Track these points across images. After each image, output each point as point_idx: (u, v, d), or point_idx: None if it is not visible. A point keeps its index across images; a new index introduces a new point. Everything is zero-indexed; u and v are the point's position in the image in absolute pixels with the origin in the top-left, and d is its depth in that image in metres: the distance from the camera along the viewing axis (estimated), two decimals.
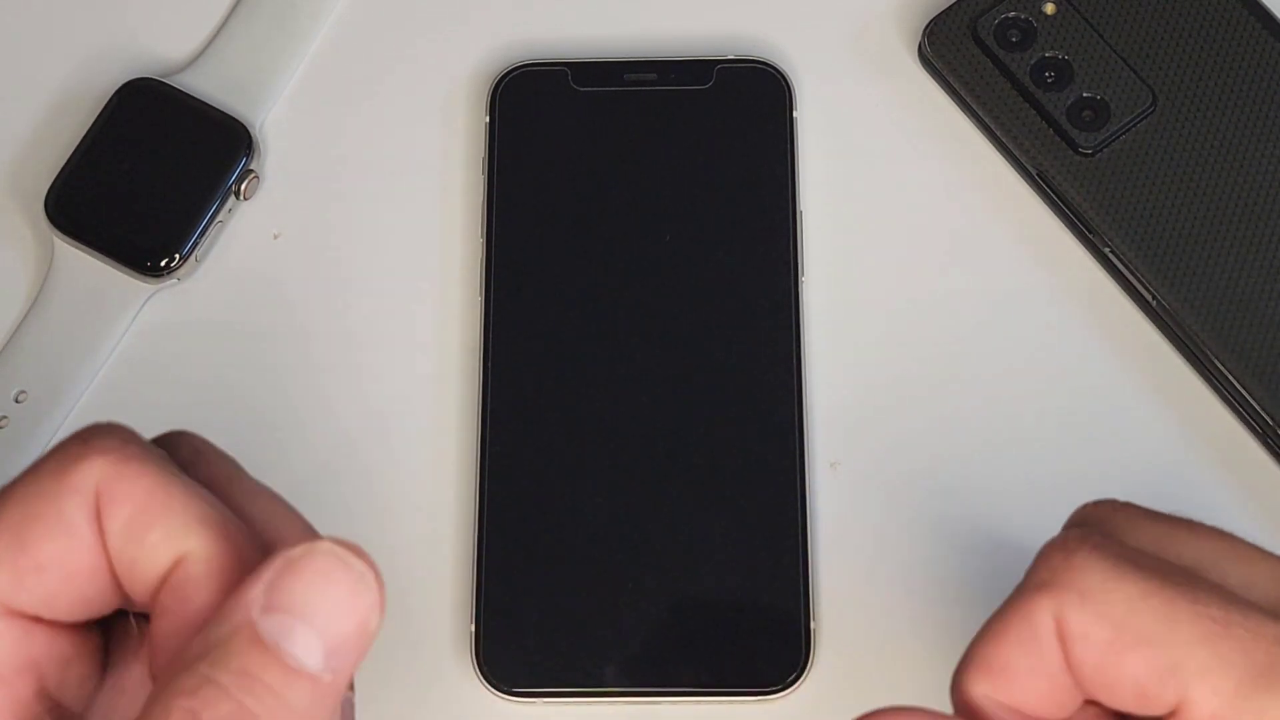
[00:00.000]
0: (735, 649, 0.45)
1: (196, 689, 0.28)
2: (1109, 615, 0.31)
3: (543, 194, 0.49)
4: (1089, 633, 0.31)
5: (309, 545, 0.29)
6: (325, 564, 0.29)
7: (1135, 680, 0.31)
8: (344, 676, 0.29)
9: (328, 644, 0.29)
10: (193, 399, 0.48)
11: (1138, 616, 0.31)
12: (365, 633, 0.29)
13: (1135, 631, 0.31)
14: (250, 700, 0.28)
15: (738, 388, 0.47)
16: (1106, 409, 0.47)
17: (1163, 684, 0.31)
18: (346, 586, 0.29)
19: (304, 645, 0.29)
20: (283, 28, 0.52)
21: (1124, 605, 0.31)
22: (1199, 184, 0.48)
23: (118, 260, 0.48)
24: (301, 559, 0.29)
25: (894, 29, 0.52)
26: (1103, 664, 0.31)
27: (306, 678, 0.29)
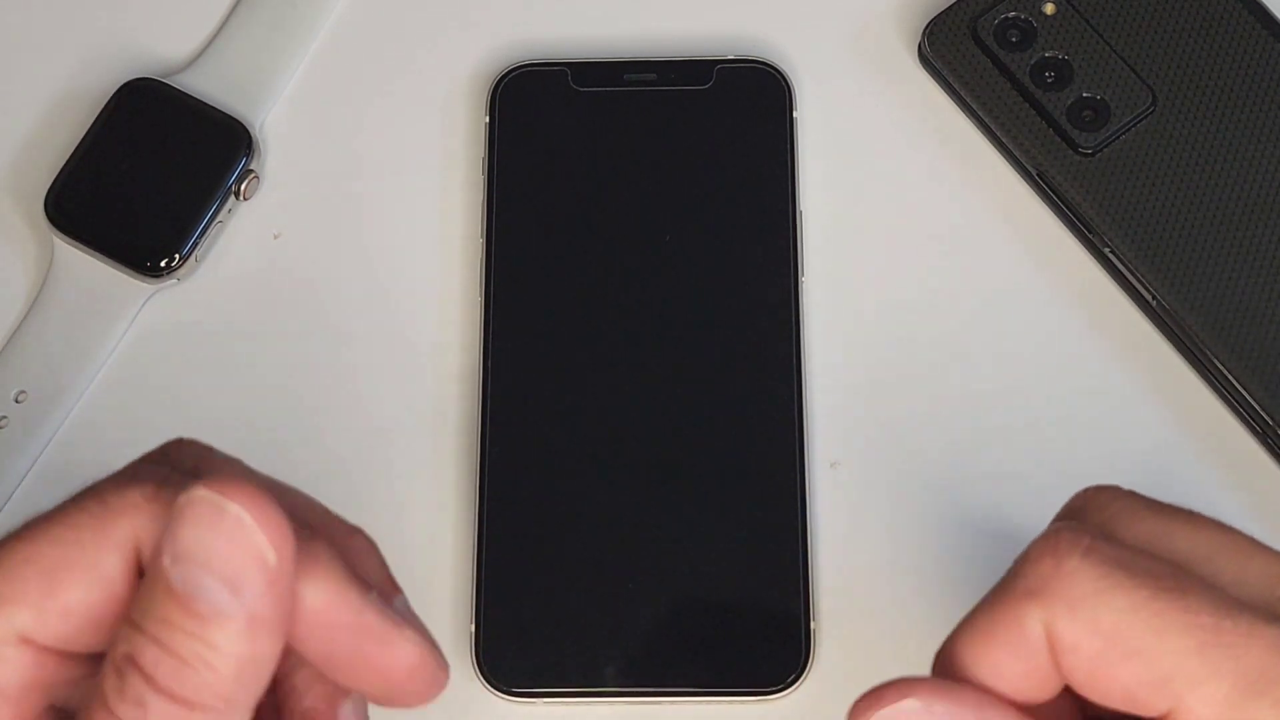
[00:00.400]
0: (735, 649, 0.45)
1: (129, 636, 0.30)
2: (1099, 627, 0.31)
3: (543, 194, 0.49)
4: (1079, 644, 0.31)
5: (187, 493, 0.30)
6: (205, 510, 0.30)
7: (1126, 690, 0.31)
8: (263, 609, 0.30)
9: (230, 583, 0.30)
10: (193, 399, 0.48)
11: (1128, 628, 0.31)
12: (265, 565, 0.30)
13: (1125, 643, 0.31)
14: (173, 644, 0.30)
15: (738, 387, 0.47)
16: (1106, 409, 0.47)
17: (1154, 694, 0.31)
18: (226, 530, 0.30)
19: (209, 588, 0.30)
20: (283, 28, 0.52)
21: (1114, 617, 0.31)
22: (1199, 184, 0.48)
23: (118, 260, 0.48)
24: (185, 507, 0.30)
25: (894, 29, 0.52)
26: (1094, 674, 0.31)
27: (220, 618, 0.30)
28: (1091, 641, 0.31)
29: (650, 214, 0.49)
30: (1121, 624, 0.31)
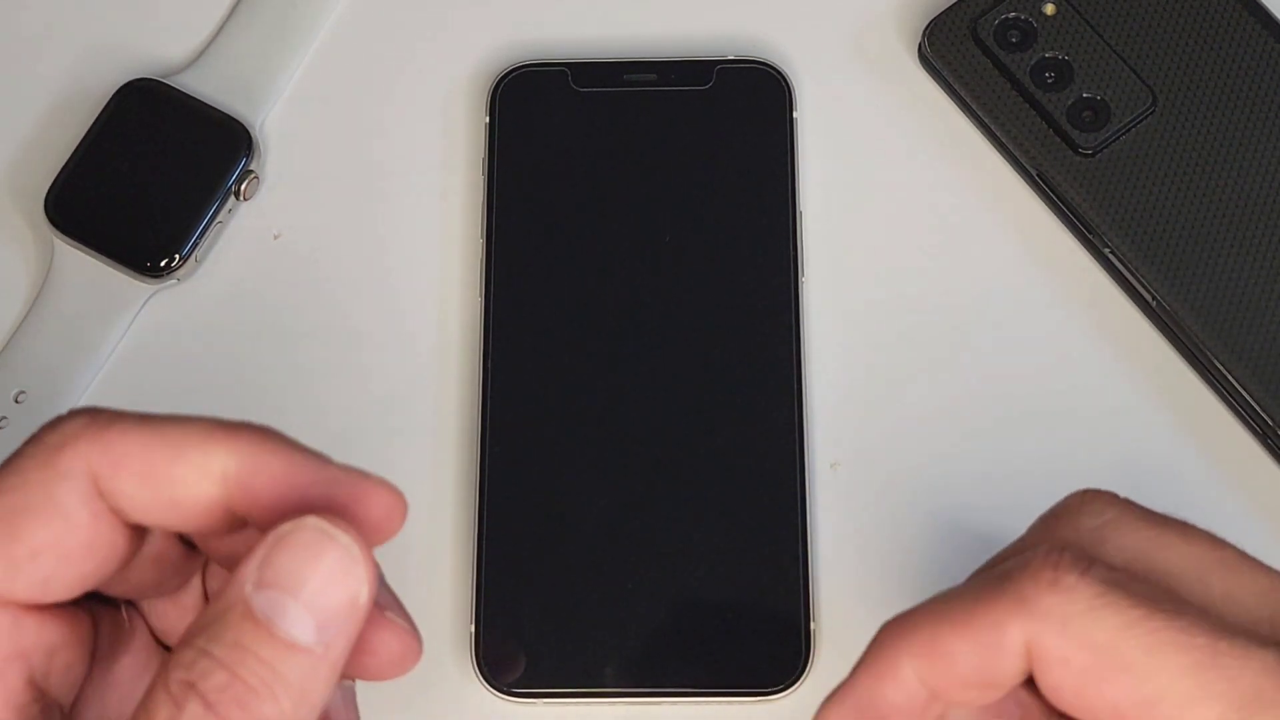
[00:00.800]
0: (735, 649, 0.45)
1: (193, 662, 0.29)
2: (1091, 641, 0.31)
3: (543, 194, 0.49)
4: (1069, 658, 0.31)
5: (297, 521, 0.30)
6: (312, 538, 0.30)
7: (1115, 708, 0.31)
8: (337, 649, 0.30)
9: (318, 617, 0.30)
10: (193, 399, 0.48)
11: (1121, 644, 0.31)
12: (355, 605, 0.30)
13: (1117, 659, 0.31)
14: (244, 672, 0.29)
15: (738, 388, 0.47)
16: (1106, 409, 0.47)
17: (1144, 713, 0.31)
18: (334, 561, 0.30)
19: (295, 619, 0.30)
20: (283, 28, 0.52)
21: (1107, 633, 0.31)
22: (1199, 184, 0.48)
23: (118, 260, 0.48)
24: (290, 534, 0.30)
25: (894, 30, 0.52)
26: (1082, 689, 0.31)
27: (299, 650, 0.30)
28: (1081, 656, 0.31)
29: (650, 214, 0.49)
30: (1114, 640, 0.31)
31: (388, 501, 0.33)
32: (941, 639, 0.32)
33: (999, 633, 0.31)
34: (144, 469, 0.31)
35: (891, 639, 0.33)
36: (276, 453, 0.32)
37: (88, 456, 0.31)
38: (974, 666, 0.32)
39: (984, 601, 0.32)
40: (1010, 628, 0.31)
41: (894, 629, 0.33)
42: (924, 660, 0.32)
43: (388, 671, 0.34)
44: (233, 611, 0.30)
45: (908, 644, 0.33)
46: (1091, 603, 0.31)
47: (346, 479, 0.33)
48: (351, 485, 0.33)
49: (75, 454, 0.31)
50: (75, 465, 0.31)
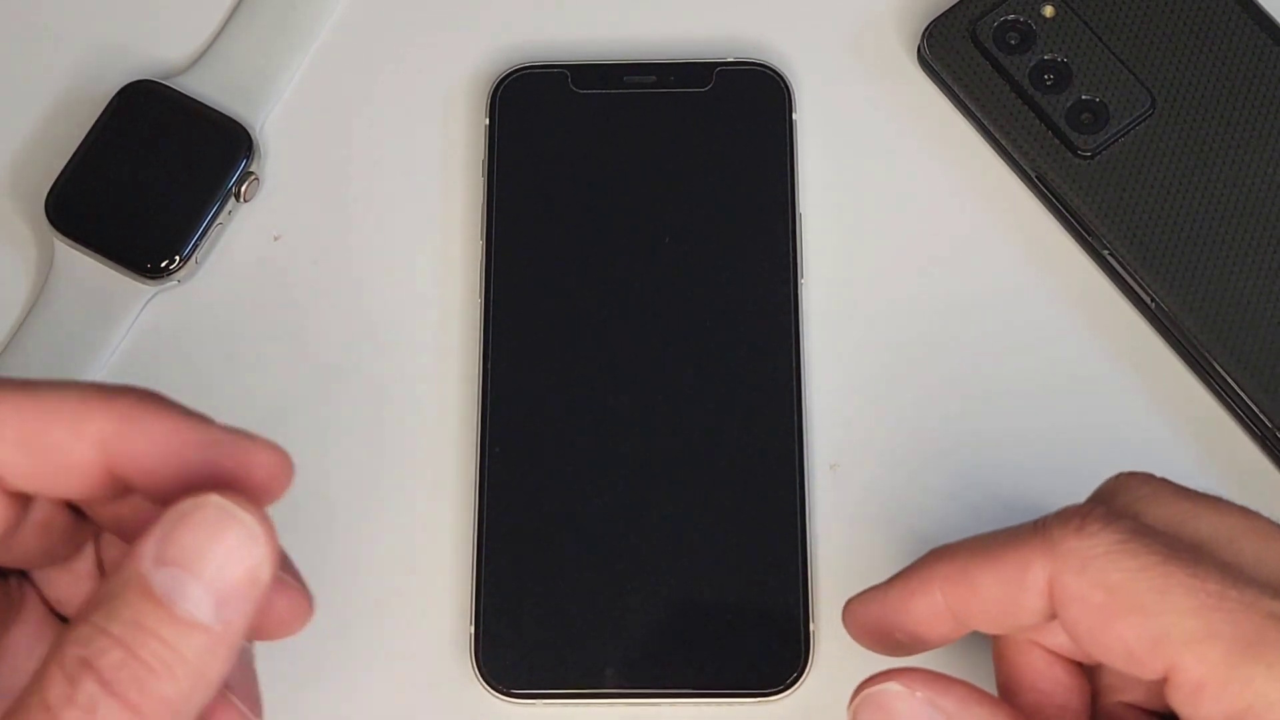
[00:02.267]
0: (735, 650, 0.45)
1: (89, 639, 0.29)
2: (1105, 582, 0.33)
3: (543, 196, 0.49)
4: (1085, 596, 0.33)
5: (198, 499, 0.30)
6: (214, 516, 0.30)
7: (1125, 644, 0.33)
8: (236, 627, 0.30)
9: (217, 595, 0.30)
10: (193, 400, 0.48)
11: (1133, 584, 0.33)
12: (255, 583, 0.30)
13: (1129, 599, 0.33)
14: (142, 651, 0.29)
15: (737, 389, 0.47)
16: (1105, 410, 0.47)
17: (1151, 650, 0.32)
18: (234, 539, 0.30)
19: (195, 598, 0.30)
20: (283, 30, 0.52)
21: (1121, 575, 0.33)
22: (1198, 187, 0.48)
23: (118, 262, 0.48)
24: (191, 512, 0.30)
25: (893, 31, 0.52)
26: (1096, 626, 0.33)
27: (199, 629, 0.30)
28: (1096, 594, 0.33)
29: (650, 216, 0.49)
30: (1127, 581, 0.33)
31: (272, 462, 0.33)
32: (972, 570, 0.35)
33: (1024, 569, 0.34)
34: (19, 435, 0.31)
35: (929, 563, 0.37)
36: (157, 415, 0.32)
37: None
38: (996, 598, 0.35)
39: (1014, 542, 0.35)
40: (1035, 566, 0.34)
41: (933, 556, 0.37)
42: (953, 585, 0.36)
43: (277, 631, 0.34)
44: (131, 588, 0.30)
45: (943, 569, 0.36)
46: (1110, 547, 0.33)
47: (230, 441, 0.33)
48: (235, 447, 0.32)
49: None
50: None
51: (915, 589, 0.37)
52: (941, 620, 0.37)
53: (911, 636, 0.38)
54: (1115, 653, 0.33)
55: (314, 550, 0.46)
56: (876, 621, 0.38)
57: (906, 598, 0.37)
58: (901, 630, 0.38)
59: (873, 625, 0.39)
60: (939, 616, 0.36)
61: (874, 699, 0.35)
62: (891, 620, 0.38)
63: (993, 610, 0.35)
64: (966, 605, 0.36)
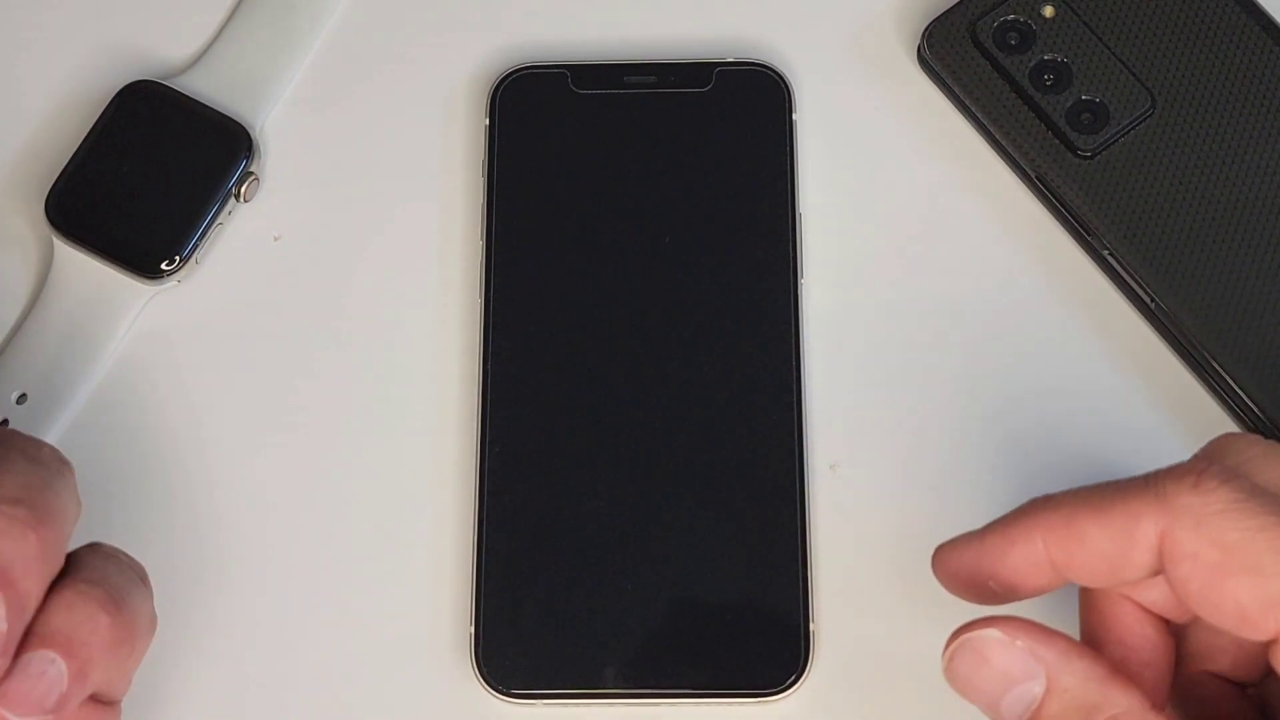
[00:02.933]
0: (735, 651, 0.45)
1: None
2: (1221, 540, 0.32)
3: (543, 196, 0.49)
4: (1199, 553, 0.33)
5: None
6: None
7: (1238, 604, 0.33)
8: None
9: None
10: (192, 401, 0.48)
11: (1250, 544, 0.32)
12: None
13: (1245, 558, 0.32)
14: None
15: (737, 389, 0.47)
16: (1105, 411, 0.47)
17: (1265, 611, 0.32)
18: None
19: None
20: (283, 30, 0.52)
21: (1238, 534, 0.32)
22: (1198, 186, 0.48)
23: (118, 262, 0.48)
24: None
25: (893, 31, 0.52)
26: (1209, 584, 0.33)
27: None
28: (1212, 553, 0.33)
29: (650, 216, 0.49)
30: (1244, 540, 0.32)
31: None
32: (1079, 520, 0.35)
33: (1134, 523, 0.34)
34: None
35: (1032, 512, 0.36)
36: None
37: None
38: (1103, 551, 0.34)
39: (1126, 494, 0.34)
40: (1146, 520, 0.34)
41: (1038, 504, 0.36)
42: (1057, 535, 0.35)
43: None
44: None
45: (1046, 519, 0.35)
46: (1227, 505, 0.33)
47: None
48: None
49: None
50: None
51: (1016, 537, 0.36)
52: (1040, 570, 0.36)
53: (1006, 586, 0.37)
54: (1226, 612, 0.33)
55: (314, 550, 0.47)
56: (971, 569, 0.37)
57: (1006, 546, 0.36)
58: (997, 579, 0.37)
59: (966, 572, 0.38)
60: (1038, 566, 0.36)
61: (972, 645, 0.35)
62: (987, 568, 0.37)
63: (1097, 563, 0.35)
64: (1070, 557, 0.35)
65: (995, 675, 0.35)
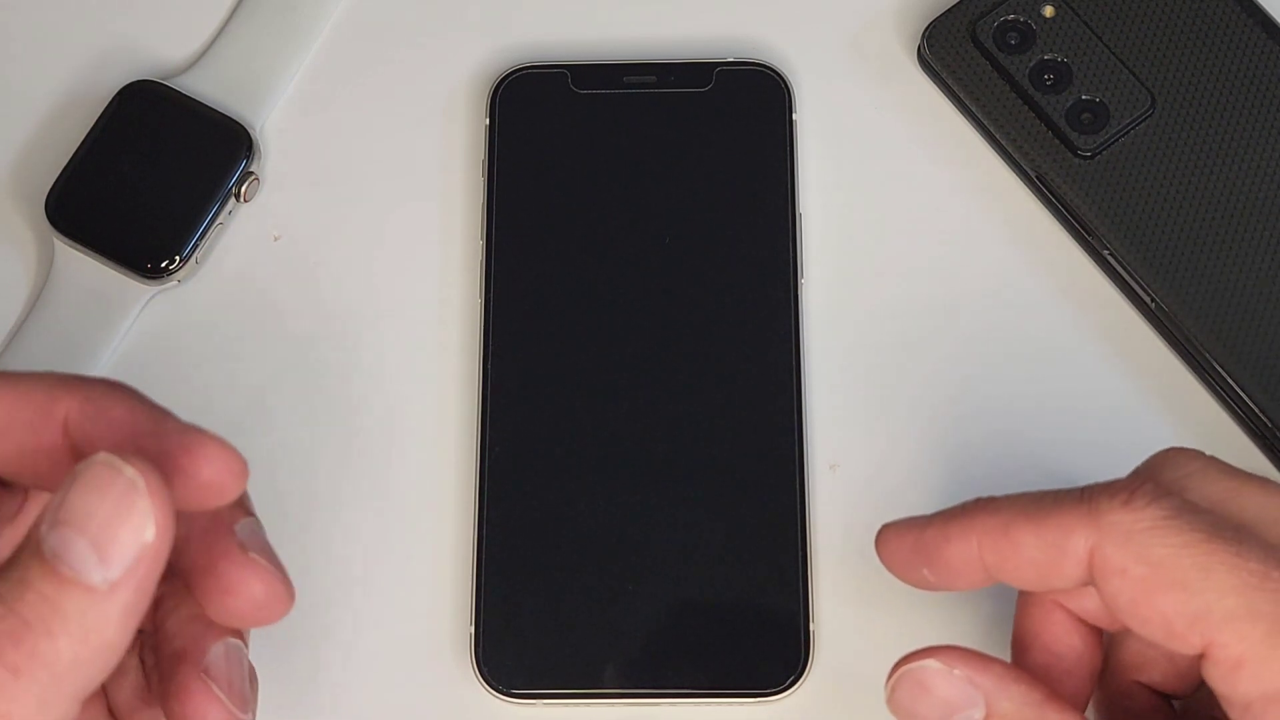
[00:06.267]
0: (735, 651, 0.45)
1: None
2: (1148, 557, 0.33)
3: (543, 196, 0.49)
4: (1127, 569, 0.33)
5: (90, 459, 0.30)
6: (99, 474, 0.30)
7: (1165, 619, 0.33)
8: (127, 589, 0.30)
9: (103, 554, 0.30)
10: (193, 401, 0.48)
11: (1175, 560, 0.33)
12: (140, 541, 0.30)
13: (1171, 574, 0.33)
14: (21, 606, 0.29)
15: (737, 389, 0.47)
16: (1105, 411, 0.47)
17: (1190, 626, 0.33)
18: (117, 496, 0.30)
19: (79, 555, 0.30)
20: (283, 30, 0.52)
21: (1165, 550, 0.33)
22: (1198, 186, 0.48)
23: (118, 262, 0.48)
24: (81, 471, 0.30)
25: (893, 32, 0.52)
26: (1137, 599, 0.33)
27: (80, 587, 0.30)
28: (1139, 569, 0.33)
29: (650, 216, 0.49)
30: (1171, 557, 0.33)
31: (221, 459, 0.33)
32: (1014, 528, 0.35)
33: (1066, 535, 0.34)
34: None
35: (972, 513, 0.37)
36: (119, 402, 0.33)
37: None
38: (1035, 559, 0.35)
39: (1060, 506, 0.35)
40: (1077, 534, 0.34)
41: (979, 505, 0.37)
42: (993, 539, 0.36)
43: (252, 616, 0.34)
44: (24, 551, 0.30)
45: (984, 522, 0.36)
46: (1156, 522, 0.33)
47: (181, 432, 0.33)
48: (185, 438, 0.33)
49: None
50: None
51: (953, 534, 0.37)
52: (973, 569, 0.37)
53: (939, 577, 0.38)
54: (1154, 626, 0.33)
55: (314, 550, 0.47)
56: (909, 553, 0.38)
57: (943, 541, 0.37)
58: (931, 568, 0.38)
59: (904, 556, 0.39)
60: (971, 565, 0.37)
61: (912, 676, 0.36)
62: (924, 557, 0.38)
63: (1028, 570, 0.36)
64: (1003, 561, 0.36)
65: (936, 703, 0.35)
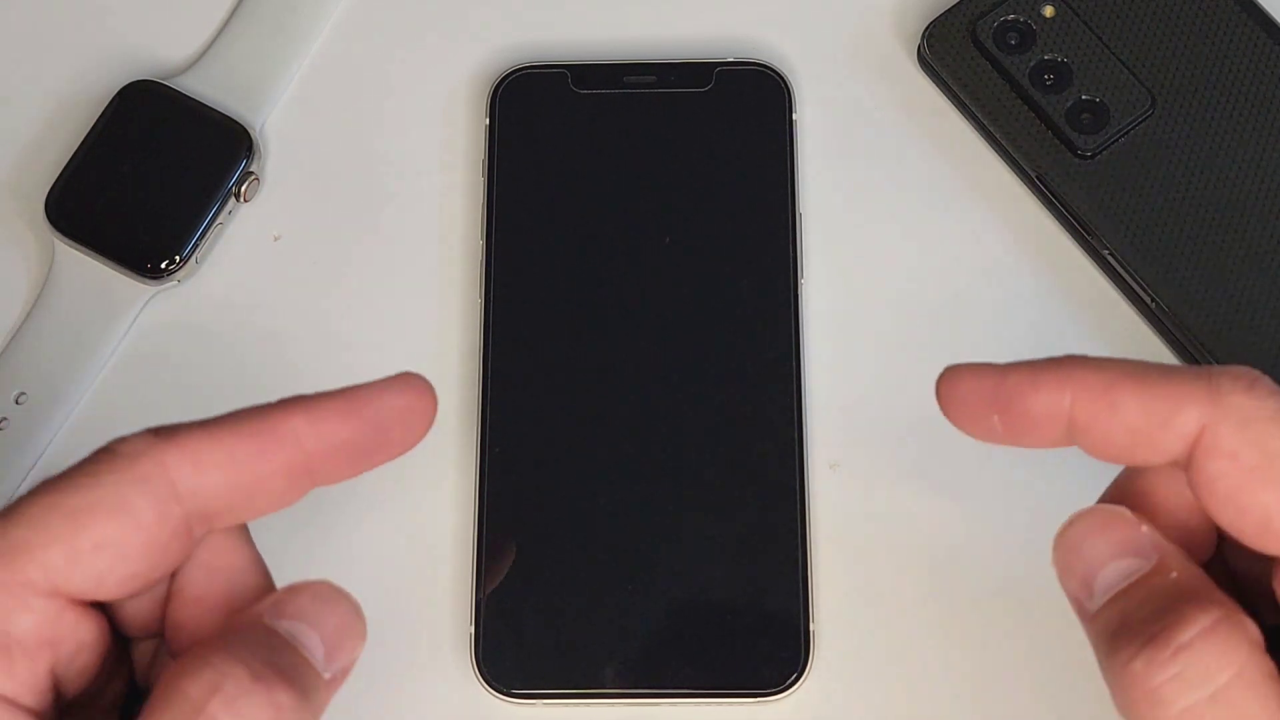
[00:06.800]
0: (735, 650, 0.45)
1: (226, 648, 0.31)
2: (1265, 445, 0.32)
3: (543, 196, 0.49)
4: (1239, 453, 0.32)
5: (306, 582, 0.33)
6: (328, 590, 0.33)
7: (1266, 514, 0.32)
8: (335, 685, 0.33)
9: (328, 647, 0.32)
10: (193, 401, 0.48)
11: None
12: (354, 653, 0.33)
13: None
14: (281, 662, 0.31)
15: (738, 389, 0.47)
16: None
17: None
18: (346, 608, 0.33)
19: (313, 645, 0.32)
20: (283, 30, 0.52)
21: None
22: (1198, 186, 0.48)
23: (118, 262, 0.48)
24: (305, 586, 0.33)
25: (893, 31, 0.52)
26: (1240, 486, 0.32)
27: (313, 669, 0.32)
28: (1252, 455, 0.32)
29: (650, 216, 0.49)
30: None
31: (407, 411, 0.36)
32: (1119, 388, 0.33)
33: (1177, 407, 0.32)
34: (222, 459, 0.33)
35: (1071, 365, 0.34)
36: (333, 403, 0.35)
37: (164, 461, 0.32)
38: (1134, 425, 0.33)
39: (1173, 377, 0.33)
40: (1191, 408, 0.32)
41: (1076, 359, 0.34)
42: (1091, 395, 0.33)
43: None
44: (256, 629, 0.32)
45: (1084, 376, 0.33)
46: (1278, 412, 0.32)
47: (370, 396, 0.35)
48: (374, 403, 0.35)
49: (153, 461, 0.32)
50: (152, 472, 0.32)
51: (1044, 383, 0.34)
52: (1055, 425, 0.34)
53: (1012, 429, 0.35)
54: (1249, 519, 0.32)
55: (314, 550, 0.47)
56: (983, 396, 0.35)
57: (1030, 388, 0.34)
58: (1006, 416, 0.35)
59: (976, 398, 0.35)
60: (1056, 420, 0.34)
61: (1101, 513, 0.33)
62: (1001, 402, 0.35)
63: (1121, 436, 0.33)
64: (1096, 421, 0.33)
65: (1110, 544, 0.33)
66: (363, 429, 0.35)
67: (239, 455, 0.33)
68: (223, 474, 0.33)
